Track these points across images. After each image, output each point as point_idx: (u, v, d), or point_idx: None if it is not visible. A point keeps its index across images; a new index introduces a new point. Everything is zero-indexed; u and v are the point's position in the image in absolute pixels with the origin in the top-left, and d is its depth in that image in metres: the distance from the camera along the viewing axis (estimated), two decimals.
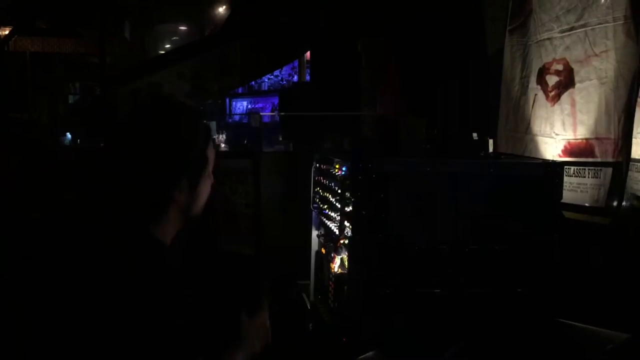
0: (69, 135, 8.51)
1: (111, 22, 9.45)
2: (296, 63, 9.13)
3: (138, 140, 1.31)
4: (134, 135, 1.32)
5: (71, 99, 11.36)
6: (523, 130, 2.89)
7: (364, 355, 1.95)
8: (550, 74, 2.71)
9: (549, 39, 2.74)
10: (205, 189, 1.37)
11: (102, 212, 1.36)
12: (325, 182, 2.56)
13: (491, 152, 2.59)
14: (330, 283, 2.44)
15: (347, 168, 2.23)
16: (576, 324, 2.08)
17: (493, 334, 2.02)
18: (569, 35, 2.58)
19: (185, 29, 11.62)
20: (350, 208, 2.13)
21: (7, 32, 9.86)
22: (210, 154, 1.38)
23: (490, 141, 2.67)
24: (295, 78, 9.36)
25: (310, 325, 2.76)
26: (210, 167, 1.38)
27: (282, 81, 10.02)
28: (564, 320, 2.08)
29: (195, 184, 1.34)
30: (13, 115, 8.65)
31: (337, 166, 2.38)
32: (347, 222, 2.18)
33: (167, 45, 11.60)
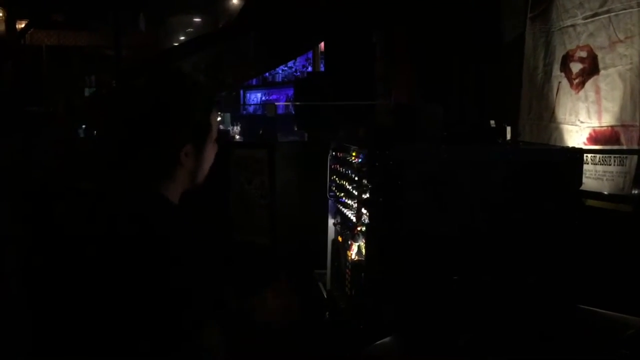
0: (84, 127, 8.57)
1: (126, 15, 9.49)
2: (310, 54, 9.11)
3: (146, 106, 1.39)
4: (142, 101, 1.40)
5: (87, 91, 11.43)
6: (547, 119, 2.87)
7: (380, 341, 1.95)
8: (574, 61, 2.68)
9: (572, 25, 2.70)
10: (209, 155, 1.46)
11: (116, 177, 1.43)
12: (342, 170, 2.56)
13: (509, 140, 2.57)
14: (347, 271, 2.44)
15: (364, 155, 2.23)
16: (597, 309, 2.06)
17: (511, 320, 2.01)
18: (593, 21, 2.55)
19: (199, 21, 11.64)
20: (367, 195, 2.13)
21: (23, 26, 9.94)
22: (214, 121, 1.46)
23: (508, 128, 2.65)
24: (310, 69, 9.34)
25: (327, 313, 2.77)
26: (214, 135, 1.46)
27: (296, 72, 10.00)
28: (584, 307, 2.07)
29: (201, 149, 1.42)
30: (30, 108, 8.73)
31: (353, 154, 2.38)
32: (364, 209, 2.18)
33: (182, 37, 11.62)
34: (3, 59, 9.25)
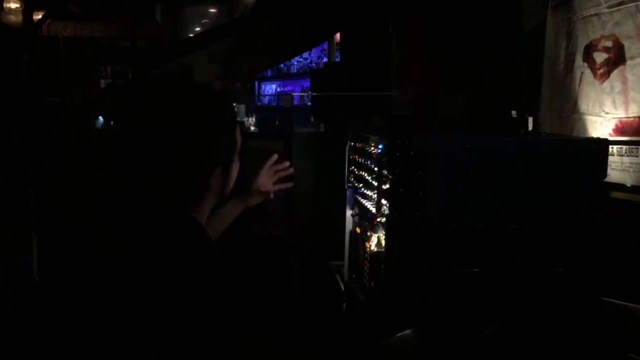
0: (101, 118, 8.62)
1: (142, 6, 9.50)
2: (325, 45, 9.06)
3: (172, 130, 1.33)
4: (168, 124, 1.34)
5: (103, 82, 11.48)
6: (570, 110, 2.81)
7: (400, 334, 1.94)
8: (598, 50, 2.63)
9: (596, 14, 2.64)
10: (235, 171, 1.42)
11: (138, 195, 1.40)
12: (361, 160, 2.54)
13: (531, 130, 2.53)
14: (366, 262, 2.42)
15: (384, 146, 2.20)
16: (620, 302, 2.03)
17: (534, 312, 1.98)
18: (619, 10, 2.49)
19: (215, 11, 11.62)
20: (388, 186, 2.10)
21: (40, 17, 9.99)
22: (238, 137, 1.42)
23: (530, 119, 2.61)
24: (325, 60, 9.29)
25: (345, 304, 2.75)
26: (238, 148, 1.41)
27: (311, 64, 9.94)
28: (607, 299, 2.03)
29: (228, 168, 1.38)
30: (47, 99, 8.79)
31: (373, 144, 2.36)
32: (384, 200, 2.16)
33: (197, 28, 11.61)
34: (20, 50, 9.31)
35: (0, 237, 2.87)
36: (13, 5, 9.52)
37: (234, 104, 1.54)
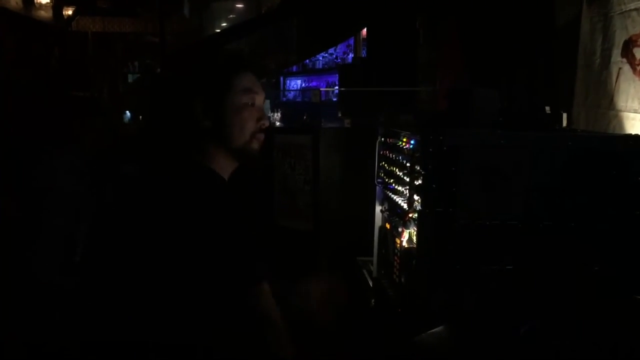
0: (128, 113, 8.73)
1: (170, 1, 9.58)
2: (351, 41, 9.05)
3: (171, 68, 1.49)
4: (171, 65, 1.51)
5: (130, 77, 11.62)
6: (606, 106, 2.76)
7: (432, 330, 1.92)
8: (638, 46, 2.57)
9: (635, 9, 2.58)
10: (236, 118, 1.44)
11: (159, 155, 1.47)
12: (392, 155, 2.52)
13: (566, 126, 2.49)
14: (396, 258, 2.41)
15: (416, 141, 2.18)
16: None
17: (569, 311, 1.95)
18: None
19: (241, 7, 11.68)
20: (420, 182, 2.08)
21: (70, 13, 10.13)
22: (239, 81, 1.45)
23: (564, 115, 2.57)
24: (350, 56, 9.27)
25: (373, 300, 2.74)
26: (239, 97, 1.45)
27: (337, 59, 9.94)
28: None
29: (216, 106, 1.42)
30: (76, 93, 8.91)
31: (404, 139, 2.34)
32: (417, 195, 2.14)
33: (224, 24, 11.68)
34: (51, 45, 9.45)
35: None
36: (43, 1, 9.66)
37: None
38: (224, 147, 1.45)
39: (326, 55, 10.17)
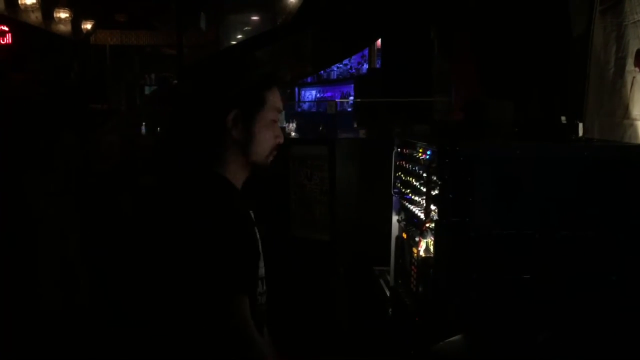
0: (144, 124, 8.83)
1: (186, 13, 9.70)
2: (366, 51, 9.10)
3: (199, 77, 1.50)
4: (197, 74, 1.52)
5: (147, 90, 11.76)
6: (621, 115, 2.76)
7: (450, 339, 1.94)
8: None
9: None
10: (264, 134, 1.47)
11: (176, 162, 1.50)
12: (408, 166, 2.55)
13: (582, 136, 2.50)
14: (413, 267, 2.43)
15: (432, 152, 2.21)
16: None
17: (586, 321, 1.96)
18: None
19: (257, 19, 11.79)
20: (437, 192, 2.11)
21: (89, 27, 10.30)
22: (272, 98, 1.49)
23: (580, 125, 2.58)
24: (365, 66, 9.32)
25: (390, 310, 2.76)
26: (270, 113, 1.49)
27: (351, 70, 10.00)
28: None
29: (250, 119, 1.45)
30: (94, 106, 9.04)
31: (420, 150, 2.37)
32: (434, 205, 2.17)
33: (240, 36, 11.80)
34: (70, 58, 9.61)
35: (48, 237, 2.99)
36: (62, 15, 9.84)
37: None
38: (243, 159, 1.48)
39: (341, 66, 10.24)
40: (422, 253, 2.29)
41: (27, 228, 2.88)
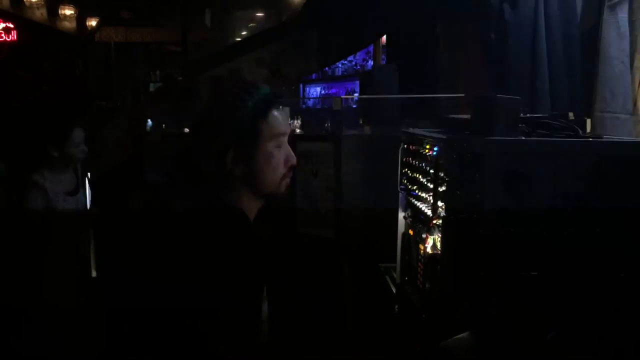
0: (149, 121, 8.84)
1: (191, 11, 9.70)
2: (371, 48, 9.06)
3: (197, 118, 1.41)
4: (196, 114, 1.43)
5: (152, 86, 11.76)
6: (627, 112, 2.75)
7: (457, 336, 1.93)
8: None
9: None
10: (267, 163, 1.38)
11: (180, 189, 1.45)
12: (415, 162, 2.53)
13: (589, 133, 2.48)
14: (420, 264, 2.42)
15: (439, 148, 2.20)
16: None
17: (595, 318, 1.95)
18: None
19: (262, 16, 11.77)
20: (444, 188, 2.10)
21: (94, 23, 10.32)
22: (268, 126, 1.38)
23: (588, 121, 2.56)
24: (370, 63, 9.29)
25: (397, 307, 2.75)
26: (269, 143, 1.38)
27: (356, 66, 9.96)
28: None
29: (247, 157, 1.36)
30: (100, 103, 9.07)
31: (427, 146, 2.35)
32: (441, 202, 2.16)
33: (244, 32, 11.78)
34: (76, 56, 9.63)
35: (61, 235, 3.00)
36: (67, 12, 9.87)
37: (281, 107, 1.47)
38: (253, 192, 1.41)
39: (345, 62, 10.20)
40: (429, 250, 2.28)
41: (39, 227, 2.90)
